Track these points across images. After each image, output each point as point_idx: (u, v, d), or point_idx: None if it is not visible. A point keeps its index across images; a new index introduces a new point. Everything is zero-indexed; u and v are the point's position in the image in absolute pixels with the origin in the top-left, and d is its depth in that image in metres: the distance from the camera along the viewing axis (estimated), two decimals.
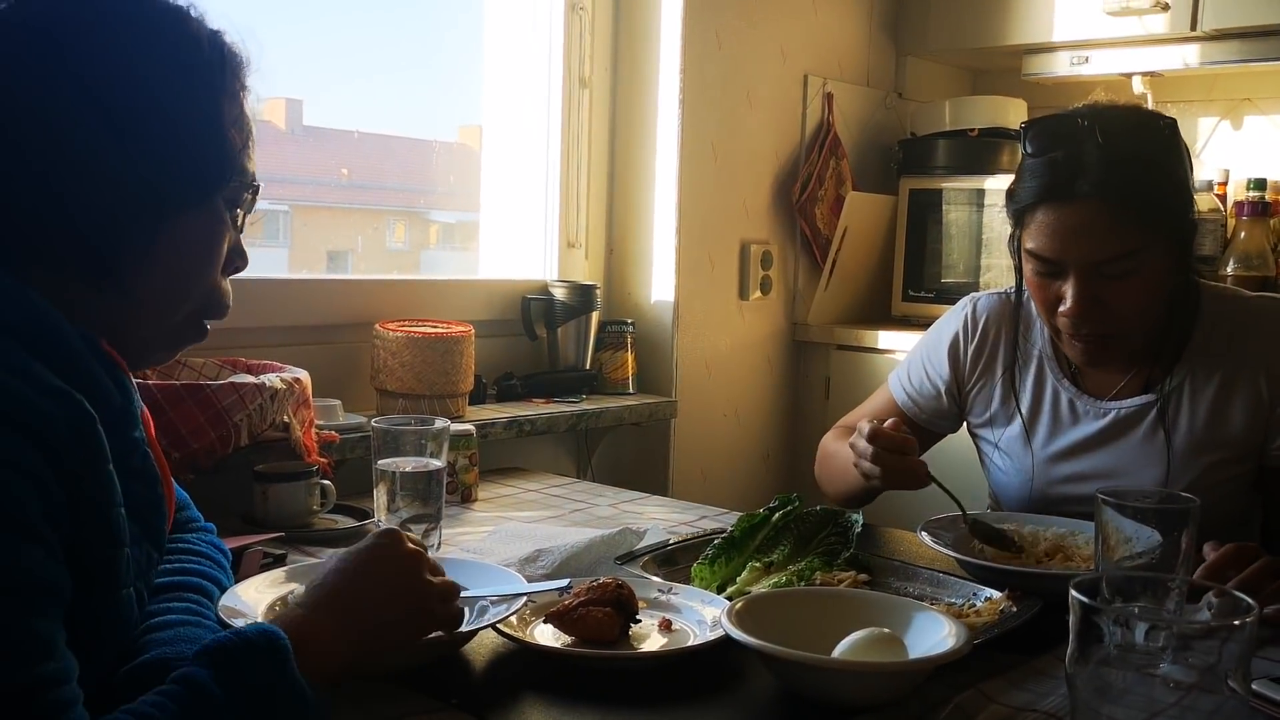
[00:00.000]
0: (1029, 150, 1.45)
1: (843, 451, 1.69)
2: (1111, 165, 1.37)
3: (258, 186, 0.99)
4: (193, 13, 0.93)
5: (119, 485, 0.85)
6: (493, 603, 1.13)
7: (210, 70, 0.92)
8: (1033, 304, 1.52)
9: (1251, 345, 1.48)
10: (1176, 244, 1.43)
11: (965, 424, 1.73)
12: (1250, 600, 0.77)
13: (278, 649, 0.83)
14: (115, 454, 0.85)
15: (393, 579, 0.96)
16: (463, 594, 1.16)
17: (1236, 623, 0.74)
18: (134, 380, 0.95)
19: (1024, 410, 1.61)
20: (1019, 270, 1.53)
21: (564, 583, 1.18)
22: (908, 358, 1.77)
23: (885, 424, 1.44)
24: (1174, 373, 1.50)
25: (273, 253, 2.40)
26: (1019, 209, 1.46)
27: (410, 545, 1.00)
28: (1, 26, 0.86)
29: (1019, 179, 1.47)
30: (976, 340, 1.66)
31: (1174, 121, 1.45)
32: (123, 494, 0.86)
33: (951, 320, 1.70)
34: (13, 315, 0.82)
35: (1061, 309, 1.43)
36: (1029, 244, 1.44)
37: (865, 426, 1.44)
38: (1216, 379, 1.49)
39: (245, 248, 1.01)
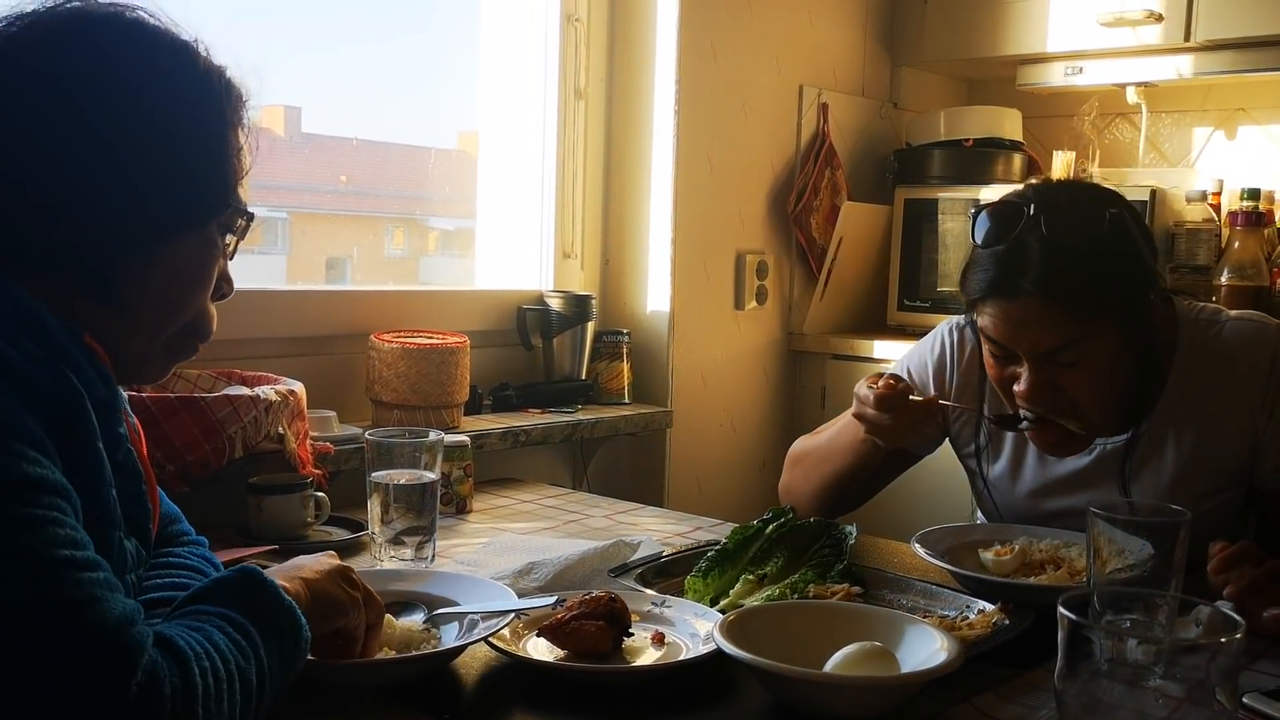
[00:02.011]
0: (977, 240, 1.45)
1: (822, 441, 1.69)
2: (1053, 262, 1.36)
3: (252, 215, 1.03)
4: (200, 49, 0.98)
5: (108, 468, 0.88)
6: (482, 618, 1.14)
7: (217, 104, 0.97)
8: None
9: (1231, 373, 1.47)
10: (1127, 328, 1.42)
11: (953, 449, 1.72)
12: (1238, 617, 0.77)
13: (257, 575, 0.91)
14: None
15: (318, 557, 1.07)
16: (452, 609, 1.16)
17: (1224, 640, 0.74)
18: (127, 392, 0.97)
19: (1008, 444, 1.60)
20: (976, 338, 1.53)
21: (551, 600, 1.18)
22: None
23: (880, 383, 1.49)
24: (1154, 410, 1.49)
25: (271, 259, 2.41)
26: (969, 300, 1.46)
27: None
28: (19, 55, 0.90)
29: (969, 268, 1.46)
30: (964, 368, 1.64)
31: (1123, 209, 1.43)
32: None
33: (936, 345, 1.68)
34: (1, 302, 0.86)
35: (1016, 389, 1.44)
36: (982, 324, 1.45)
37: (868, 394, 1.48)
38: (1198, 411, 1.48)
39: (232, 274, 1.05)
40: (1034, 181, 1.47)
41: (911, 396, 1.48)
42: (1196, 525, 1.12)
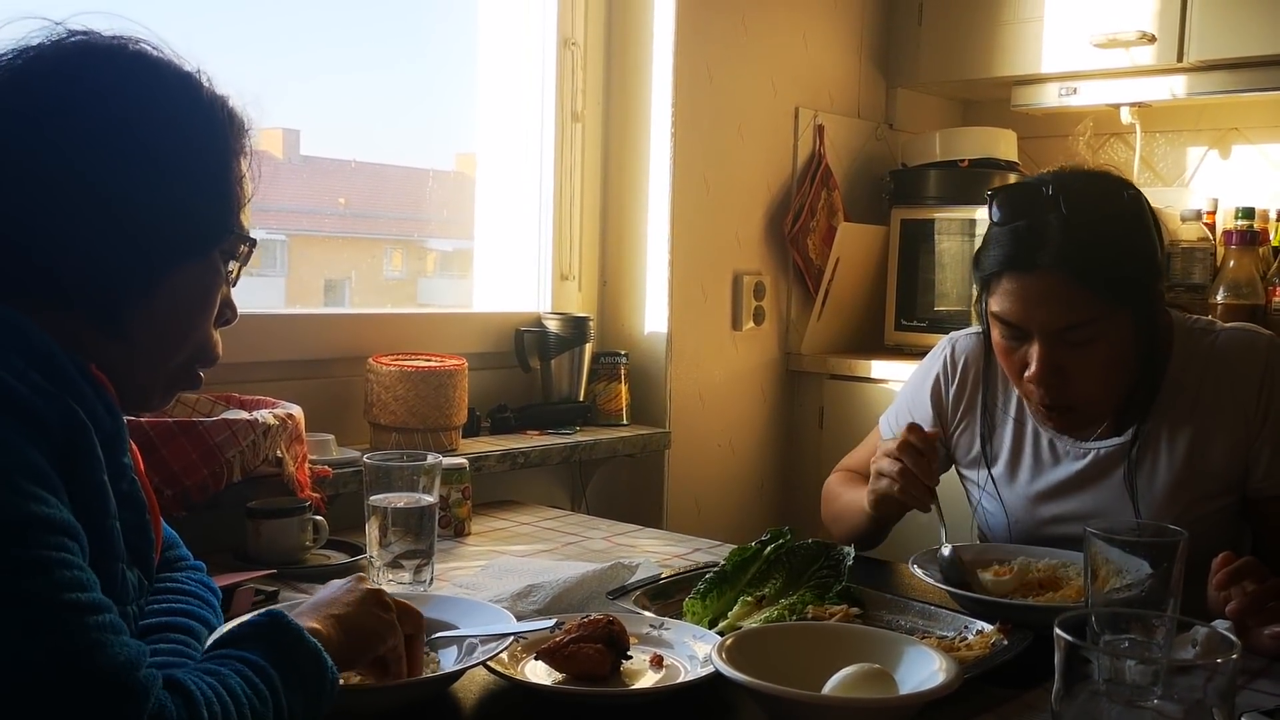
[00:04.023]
0: (994, 218, 1.46)
1: (846, 493, 1.70)
2: (1072, 238, 1.38)
3: (255, 241, 1.04)
4: (204, 80, 0.99)
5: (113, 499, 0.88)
6: (480, 642, 1.14)
7: (222, 134, 0.98)
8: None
9: (1225, 382, 1.49)
10: (1140, 313, 1.44)
11: (954, 466, 1.73)
12: (1234, 638, 0.77)
13: (280, 619, 0.91)
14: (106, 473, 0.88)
15: (348, 585, 1.06)
16: (450, 633, 1.16)
17: (1220, 660, 0.74)
18: (127, 418, 0.97)
19: (1005, 450, 1.62)
20: (987, 332, 1.54)
21: (549, 623, 1.18)
22: (896, 400, 1.78)
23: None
24: (1148, 415, 1.51)
25: (270, 282, 2.41)
26: (984, 276, 1.47)
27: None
28: (23, 88, 0.91)
29: (985, 246, 1.48)
30: (957, 382, 1.67)
31: (1139, 192, 1.46)
32: None
33: (932, 362, 1.71)
34: (5, 334, 0.86)
35: (1026, 374, 1.44)
36: (994, 308, 1.46)
37: (890, 446, 1.49)
38: (1192, 418, 1.49)
39: (234, 300, 1.05)
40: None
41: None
42: (1193, 532, 1.13)
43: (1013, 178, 2.85)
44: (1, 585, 0.74)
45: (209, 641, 0.92)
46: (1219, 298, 2.55)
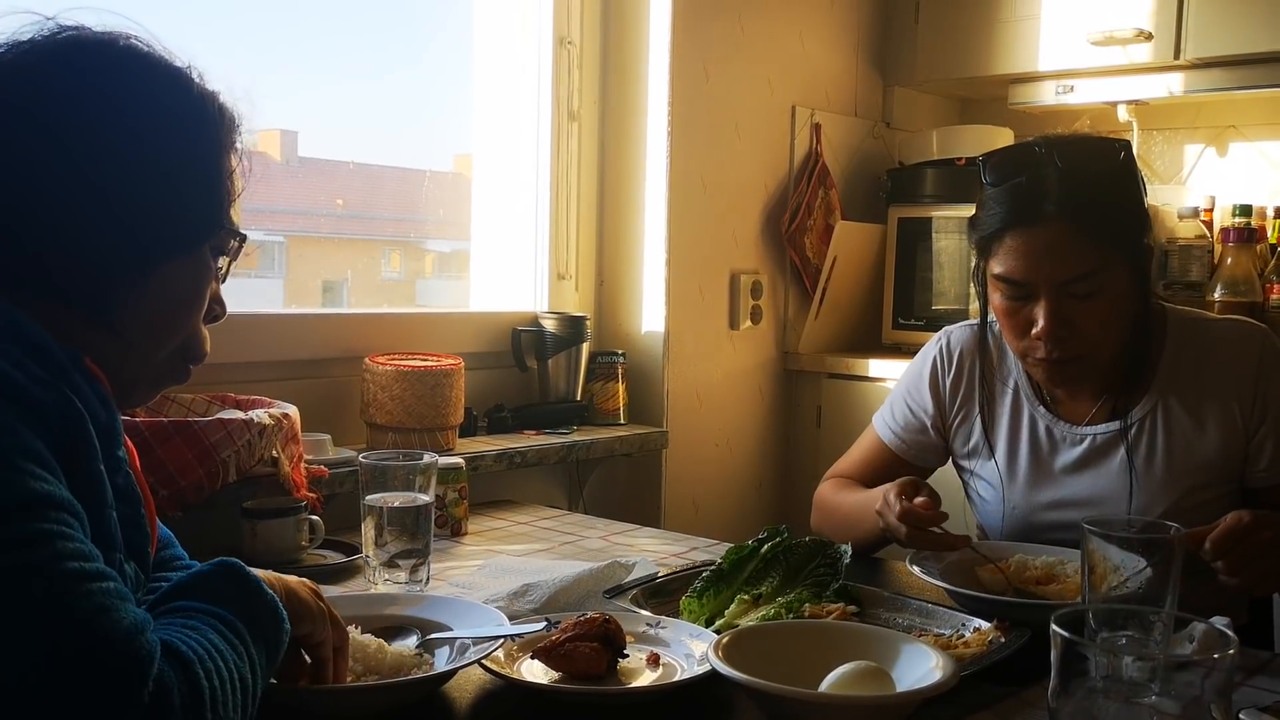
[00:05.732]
0: (990, 180, 1.48)
1: (845, 504, 1.69)
2: (1072, 187, 1.41)
3: (244, 237, 1.04)
4: (195, 76, 0.99)
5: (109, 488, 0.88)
6: (473, 643, 1.13)
7: (213, 129, 0.99)
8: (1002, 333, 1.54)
9: (1219, 371, 1.50)
10: (1136, 266, 1.46)
11: (952, 457, 1.73)
12: (1232, 634, 0.77)
13: (240, 570, 0.92)
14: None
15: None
16: (443, 635, 1.16)
17: (1218, 656, 0.74)
18: (121, 416, 0.97)
19: (1003, 439, 1.62)
20: (983, 300, 1.55)
21: (542, 625, 1.17)
22: (889, 397, 1.78)
23: (916, 500, 1.42)
24: (1143, 400, 1.52)
25: (268, 283, 2.41)
26: (985, 236, 1.48)
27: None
28: (12, 81, 0.91)
29: (982, 208, 1.49)
30: (953, 372, 1.67)
31: (1128, 144, 1.49)
32: None
33: (928, 354, 1.71)
34: (1, 324, 0.87)
35: (1034, 331, 1.45)
36: (997, 269, 1.46)
37: (894, 503, 1.42)
38: (1187, 405, 1.50)
39: (224, 297, 1.06)
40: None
41: (937, 529, 1.40)
42: (1191, 521, 1.13)
43: None
44: (3, 559, 0.74)
45: (163, 589, 0.91)
46: (1217, 295, 2.55)
